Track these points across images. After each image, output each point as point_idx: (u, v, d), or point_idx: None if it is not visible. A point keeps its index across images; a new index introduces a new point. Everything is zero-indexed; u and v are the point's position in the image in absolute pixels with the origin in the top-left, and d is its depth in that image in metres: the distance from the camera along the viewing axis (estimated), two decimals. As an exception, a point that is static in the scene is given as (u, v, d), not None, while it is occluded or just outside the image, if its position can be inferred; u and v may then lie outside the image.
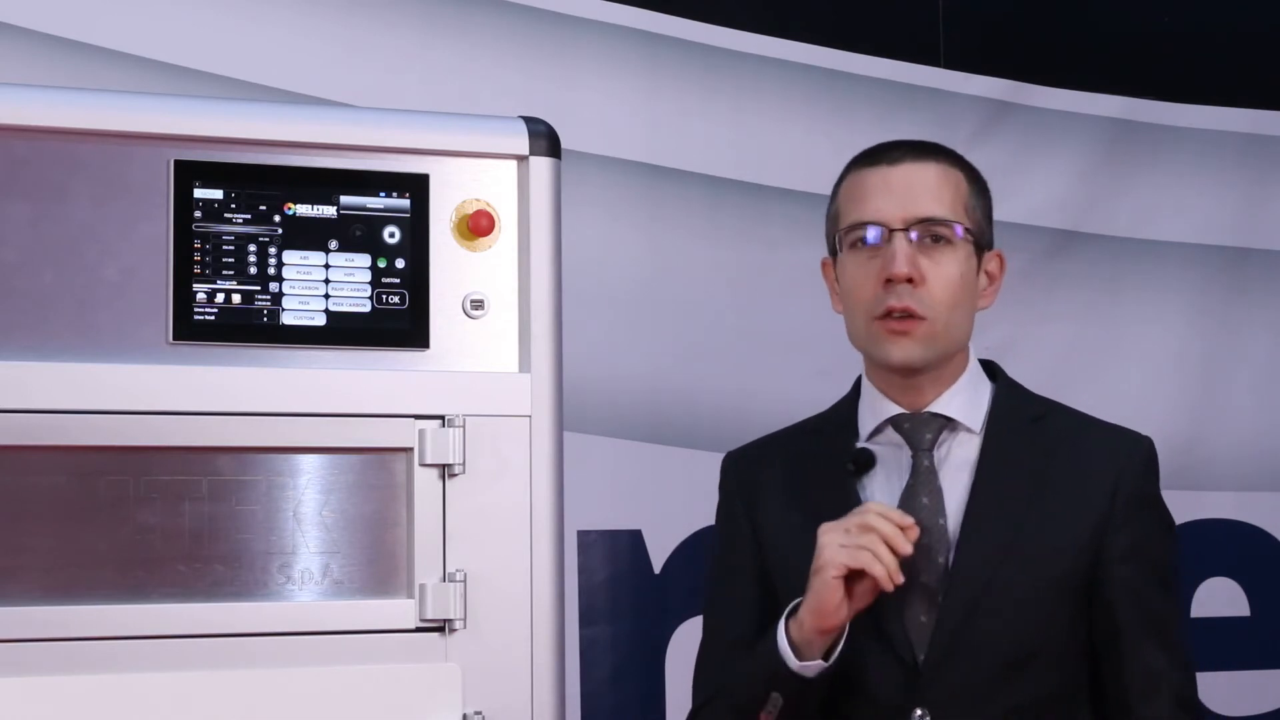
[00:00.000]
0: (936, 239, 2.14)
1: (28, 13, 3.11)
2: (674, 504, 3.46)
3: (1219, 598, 3.79)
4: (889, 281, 2.11)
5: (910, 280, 2.11)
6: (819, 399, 2.35)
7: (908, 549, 2.03)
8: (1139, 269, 3.88)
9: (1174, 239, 3.91)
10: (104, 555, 1.80)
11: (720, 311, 3.55)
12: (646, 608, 3.48)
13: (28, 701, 1.75)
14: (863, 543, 2.03)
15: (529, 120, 1.99)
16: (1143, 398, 3.68)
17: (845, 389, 2.30)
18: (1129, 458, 2.19)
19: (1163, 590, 2.19)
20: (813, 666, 2.06)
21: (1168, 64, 3.93)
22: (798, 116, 3.62)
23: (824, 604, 2.04)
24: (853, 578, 2.04)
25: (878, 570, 2.02)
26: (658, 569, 3.48)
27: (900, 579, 2.03)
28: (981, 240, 2.20)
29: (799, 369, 3.48)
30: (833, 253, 2.23)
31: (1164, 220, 3.90)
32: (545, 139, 1.97)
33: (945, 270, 2.14)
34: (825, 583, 2.04)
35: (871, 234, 2.14)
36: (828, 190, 2.25)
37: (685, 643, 3.40)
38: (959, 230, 2.15)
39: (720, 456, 2.33)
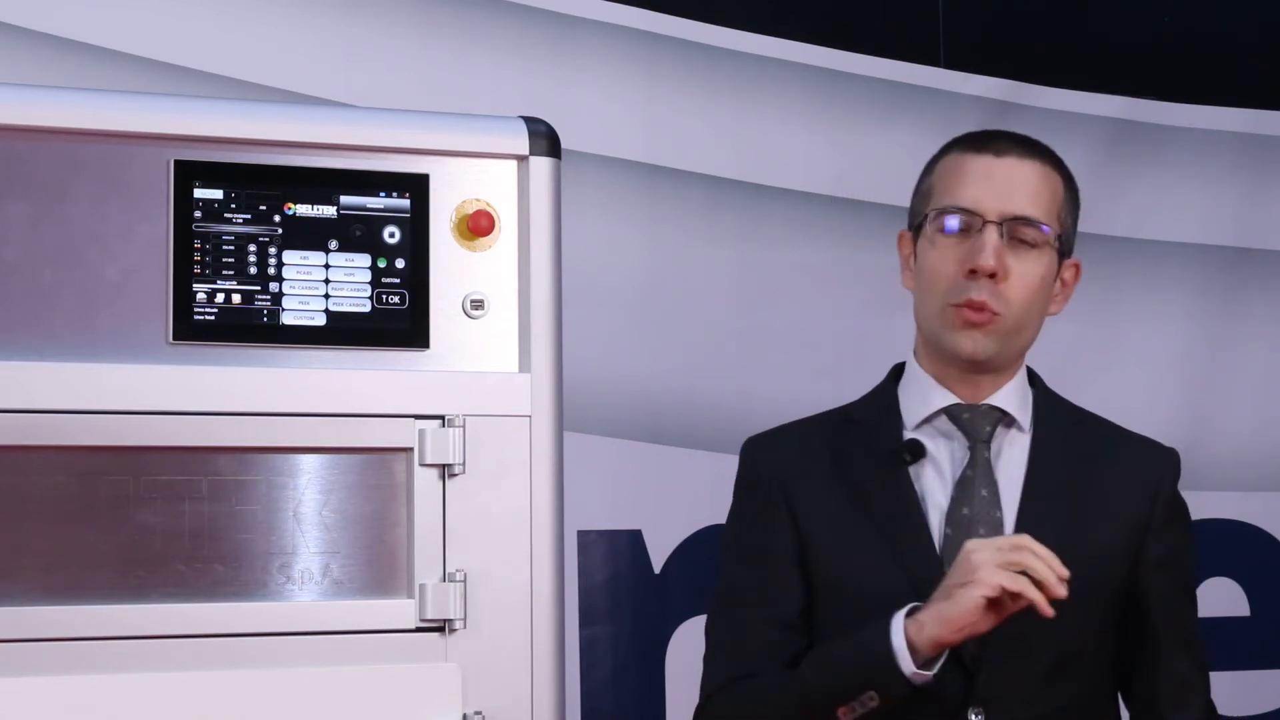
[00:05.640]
0: (1025, 239, 2.13)
1: (28, 13, 3.11)
2: (674, 504, 3.45)
3: (1219, 598, 3.78)
4: (972, 272, 2.10)
5: (993, 275, 2.10)
6: (819, 399, 2.34)
7: (1062, 591, 1.95)
8: (1139, 269, 3.88)
9: (1174, 239, 3.90)
10: (104, 555, 1.80)
11: (720, 311, 3.55)
12: (646, 608, 3.47)
13: (28, 701, 1.75)
14: (1018, 561, 1.95)
15: (529, 120, 1.98)
16: (1143, 398, 3.68)
17: (845, 389, 2.29)
18: (1166, 467, 2.22)
19: (1190, 599, 2.23)
20: (922, 676, 1.99)
21: (1168, 64, 3.92)
22: (798, 116, 3.61)
23: (961, 619, 1.96)
24: (992, 601, 1.96)
25: (1035, 596, 1.94)
26: (658, 569, 3.48)
27: (1050, 612, 1.95)
28: (1065, 247, 2.19)
29: (799, 369, 3.48)
30: (913, 227, 2.21)
31: (1164, 220, 3.89)
32: (545, 139, 1.97)
33: (1028, 270, 2.13)
34: (973, 598, 1.95)
35: (963, 221, 2.13)
36: (827, 190, 2.25)
37: (685, 643, 3.40)
38: (1047, 232, 2.14)
39: (721, 456, 2.32)
